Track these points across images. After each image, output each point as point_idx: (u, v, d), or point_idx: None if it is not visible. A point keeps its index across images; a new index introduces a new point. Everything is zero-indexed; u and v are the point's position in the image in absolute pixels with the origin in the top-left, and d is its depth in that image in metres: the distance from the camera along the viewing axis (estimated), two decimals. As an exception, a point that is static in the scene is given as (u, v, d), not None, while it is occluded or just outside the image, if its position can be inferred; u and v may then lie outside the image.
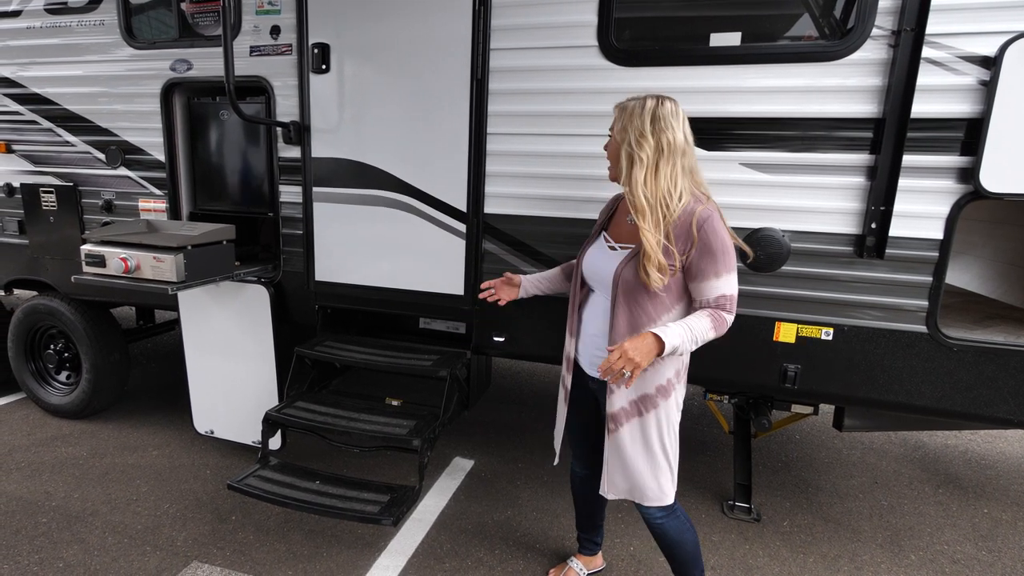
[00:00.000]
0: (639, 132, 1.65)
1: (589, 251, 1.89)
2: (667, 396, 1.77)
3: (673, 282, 1.67)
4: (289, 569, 2.32)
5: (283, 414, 2.59)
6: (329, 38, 2.55)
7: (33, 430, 3.43)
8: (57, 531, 2.52)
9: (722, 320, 1.64)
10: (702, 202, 1.66)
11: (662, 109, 1.65)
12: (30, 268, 3.34)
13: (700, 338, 1.62)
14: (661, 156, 1.64)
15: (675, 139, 1.64)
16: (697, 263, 1.63)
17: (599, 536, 2.36)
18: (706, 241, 1.61)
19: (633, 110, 1.68)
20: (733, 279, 1.66)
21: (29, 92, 3.10)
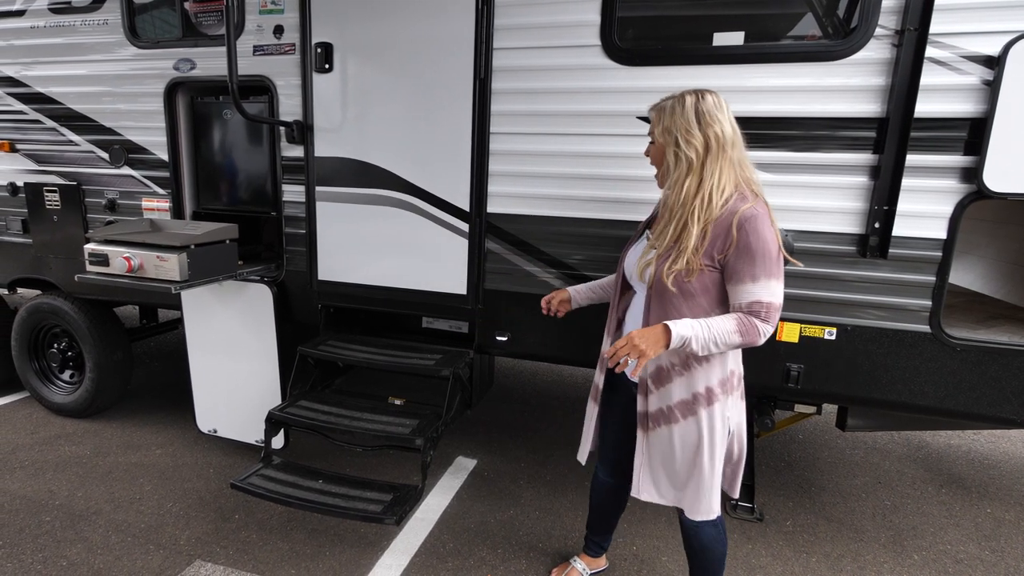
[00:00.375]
0: (685, 130, 1.59)
1: (631, 249, 1.85)
2: (708, 405, 1.68)
3: (712, 285, 1.61)
4: (292, 568, 2.32)
5: (286, 413, 2.61)
6: (332, 37, 2.56)
7: (36, 429, 3.44)
8: (60, 530, 2.53)
9: (752, 327, 1.55)
10: (748, 200, 1.58)
11: (704, 103, 1.60)
12: (34, 267, 3.36)
13: (720, 339, 1.54)
14: (709, 153, 1.58)
15: (723, 132, 1.59)
16: (733, 263, 1.56)
17: (608, 541, 2.34)
18: (745, 242, 1.53)
19: (673, 109, 1.63)
20: (774, 286, 1.55)
21: (33, 91, 3.11)
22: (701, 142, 1.58)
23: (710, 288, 1.61)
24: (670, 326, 1.53)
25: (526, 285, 2.51)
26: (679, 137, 1.60)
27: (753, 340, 1.56)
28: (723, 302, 1.64)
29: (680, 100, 1.63)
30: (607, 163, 2.32)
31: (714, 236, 1.56)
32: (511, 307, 2.56)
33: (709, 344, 1.55)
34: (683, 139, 1.59)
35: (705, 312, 1.63)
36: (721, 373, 1.69)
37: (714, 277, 1.60)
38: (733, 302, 1.60)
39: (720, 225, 1.56)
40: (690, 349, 1.56)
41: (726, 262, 1.57)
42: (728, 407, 1.73)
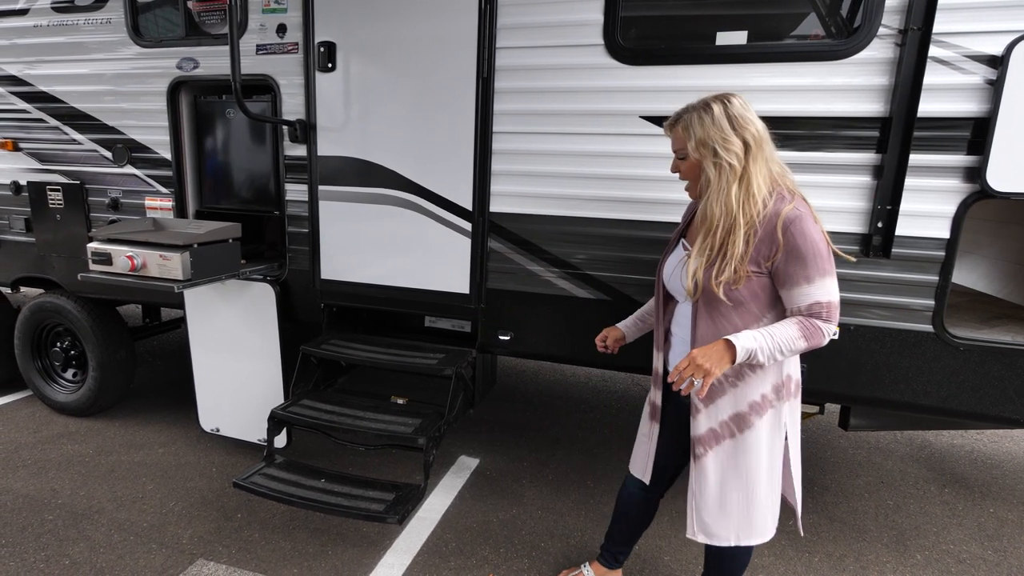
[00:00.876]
0: (721, 139, 1.54)
1: (668, 260, 1.79)
2: (762, 414, 1.63)
3: (760, 290, 1.56)
4: (295, 567, 2.33)
5: (289, 412, 2.62)
6: (335, 36, 2.57)
7: (39, 428, 3.46)
8: (63, 528, 2.54)
9: (816, 329, 1.51)
10: (787, 200, 1.54)
11: (732, 108, 1.56)
12: (37, 266, 3.37)
13: (785, 347, 1.50)
14: (749, 154, 1.54)
15: (758, 131, 1.56)
16: (784, 268, 1.51)
17: (626, 554, 2.24)
18: (793, 244, 1.49)
19: (702, 120, 1.57)
20: (829, 284, 1.51)
21: (36, 90, 3.13)
22: (740, 146, 1.54)
23: (759, 294, 1.57)
24: (733, 341, 1.48)
25: (529, 284, 2.52)
26: (717, 147, 1.55)
27: (818, 342, 1.52)
28: (773, 306, 1.60)
29: (706, 110, 1.58)
30: (610, 162, 2.33)
31: (759, 242, 1.52)
32: (514, 306, 2.57)
33: (775, 353, 1.50)
34: (721, 148, 1.54)
35: (756, 318, 1.58)
36: (776, 378, 1.64)
37: (762, 282, 1.56)
38: (790, 306, 1.56)
39: (764, 230, 1.52)
40: (757, 361, 1.51)
41: (775, 267, 1.53)
42: (784, 414, 1.66)
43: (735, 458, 1.67)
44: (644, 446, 1.98)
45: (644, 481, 1.98)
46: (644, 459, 1.97)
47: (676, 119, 1.66)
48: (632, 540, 2.20)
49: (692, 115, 1.61)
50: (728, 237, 1.53)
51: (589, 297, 2.46)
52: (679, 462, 1.95)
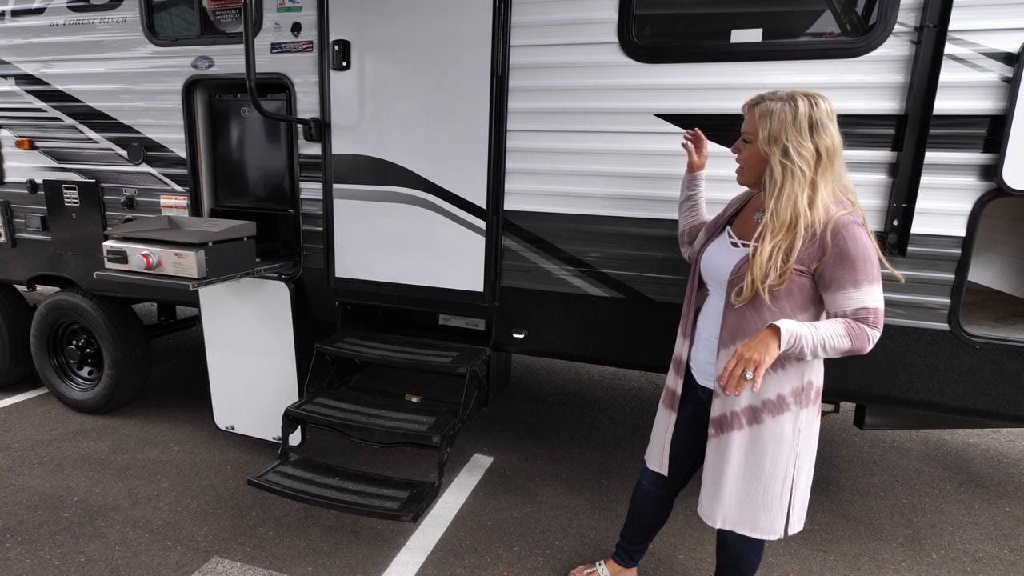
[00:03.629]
0: (797, 142, 1.49)
1: (710, 247, 1.76)
2: (776, 414, 1.62)
3: (796, 289, 1.54)
4: (309, 565, 2.36)
5: (303, 410, 2.64)
6: (350, 35, 2.60)
7: (55, 425, 3.51)
8: (79, 526, 2.57)
9: (862, 332, 1.49)
10: (844, 206, 1.52)
11: (818, 112, 1.50)
12: (53, 264, 3.42)
13: (829, 343, 1.47)
14: (820, 165, 1.50)
15: (834, 143, 1.52)
16: (831, 271, 1.50)
17: (641, 552, 2.26)
18: (843, 248, 1.47)
19: (783, 115, 1.51)
20: (877, 291, 1.50)
21: (52, 89, 3.17)
22: (812, 154, 1.49)
23: (795, 292, 1.55)
24: (779, 325, 1.46)
25: (543, 283, 2.55)
26: (789, 147, 1.50)
27: (863, 346, 1.50)
28: (806, 308, 1.58)
29: (792, 104, 1.51)
30: (624, 160, 2.36)
31: (807, 243, 1.51)
32: (528, 304, 2.60)
33: (818, 347, 1.48)
34: (794, 150, 1.49)
35: (788, 318, 1.56)
36: (797, 381, 1.62)
37: (801, 282, 1.54)
38: (835, 310, 1.54)
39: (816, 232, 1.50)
40: (800, 350, 1.48)
41: (822, 270, 1.52)
42: (801, 420, 1.64)
43: (740, 448, 1.68)
44: (661, 437, 1.98)
45: (662, 473, 1.98)
46: (660, 450, 1.98)
47: (758, 101, 1.60)
48: (647, 538, 2.22)
49: (775, 104, 1.54)
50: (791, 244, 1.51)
51: (603, 295, 2.49)
52: (696, 455, 1.96)
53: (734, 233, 1.73)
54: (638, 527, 2.19)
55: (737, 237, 1.71)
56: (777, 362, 1.58)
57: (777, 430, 1.63)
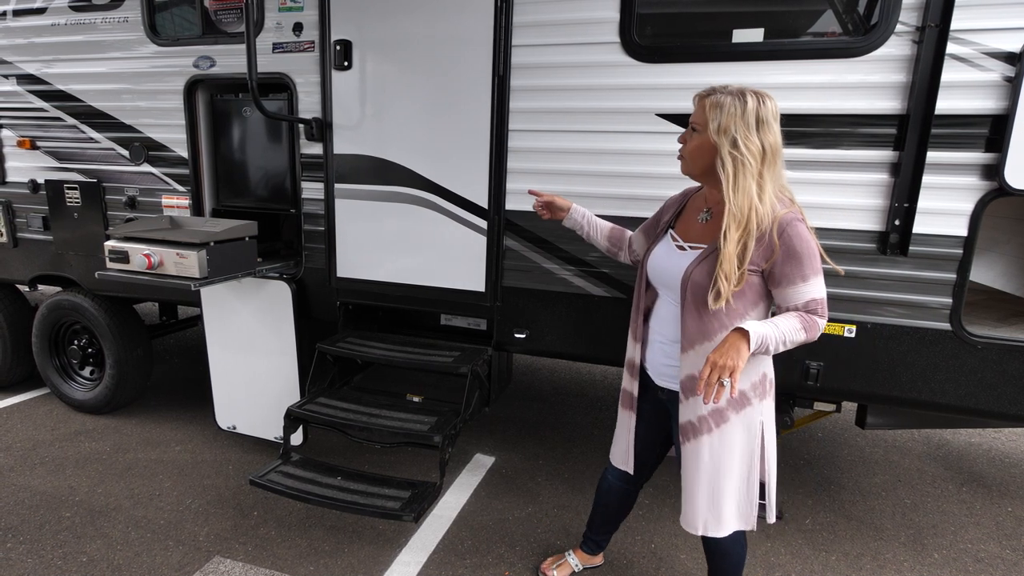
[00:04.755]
0: (744, 136, 1.55)
1: (655, 251, 1.81)
2: (739, 410, 1.68)
3: (747, 288, 1.60)
4: (311, 564, 2.37)
5: (305, 410, 2.65)
6: (351, 35, 2.61)
7: (57, 425, 3.52)
8: (81, 526, 2.58)
9: (814, 323, 1.57)
10: (785, 205, 1.60)
11: (764, 109, 1.56)
12: (54, 264, 3.42)
13: (789, 337, 1.54)
14: (765, 160, 1.56)
15: (776, 142, 1.58)
16: (781, 269, 1.57)
17: (607, 540, 2.36)
18: (790, 245, 1.54)
19: (733, 109, 1.56)
20: (821, 282, 1.59)
21: (54, 89, 3.18)
22: (759, 148, 1.55)
23: (746, 292, 1.61)
24: (746, 328, 1.50)
25: (544, 282, 2.56)
26: (738, 139, 1.55)
27: (814, 335, 1.58)
28: (756, 304, 1.65)
29: (741, 99, 1.56)
30: (626, 160, 2.36)
31: (757, 243, 1.57)
32: (529, 304, 2.61)
33: (779, 343, 1.53)
34: (743, 143, 1.55)
35: (740, 316, 1.62)
36: (755, 376, 1.68)
37: (751, 281, 1.60)
38: (786, 304, 1.60)
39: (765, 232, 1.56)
40: (765, 349, 1.53)
41: (771, 268, 1.58)
42: (762, 412, 1.71)
43: (711, 451, 1.71)
44: (624, 437, 2.04)
45: (628, 471, 2.05)
46: (624, 451, 2.04)
47: (709, 93, 1.64)
48: (612, 528, 2.31)
49: (725, 97, 1.58)
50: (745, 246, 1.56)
51: (604, 295, 2.50)
52: (659, 451, 2.05)
53: (678, 236, 1.78)
54: (604, 518, 2.26)
55: (683, 240, 1.76)
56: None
57: (742, 426, 1.69)
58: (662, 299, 1.82)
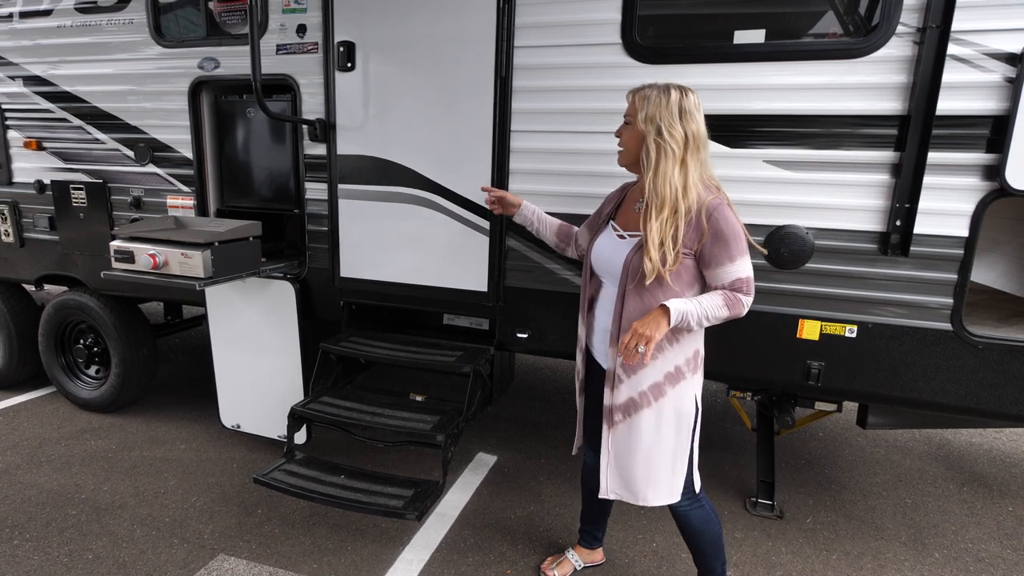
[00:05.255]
0: (668, 124, 1.68)
1: (598, 241, 1.92)
2: (675, 383, 1.80)
3: (683, 270, 1.71)
4: (314, 562, 2.38)
5: (308, 409, 2.66)
6: (354, 36, 2.62)
7: (63, 423, 3.53)
8: (86, 523, 2.59)
9: (737, 300, 1.69)
10: (712, 192, 1.72)
11: (687, 101, 1.70)
12: (60, 264, 3.44)
13: (712, 313, 1.67)
14: (688, 148, 1.68)
15: (700, 131, 1.71)
16: (710, 250, 1.68)
17: (601, 530, 2.38)
18: (717, 228, 1.66)
19: (659, 100, 1.70)
20: (747, 262, 1.70)
21: (60, 90, 3.19)
22: (682, 136, 1.68)
23: (682, 274, 1.72)
24: (668, 305, 1.64)
25: (547, 282, 2.56)
26: (662, 127, 1.68)
27: (738, 312, 1.71)
28: (692, 285, 1.75)
29: (665, 92, 1.70)
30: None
31: (687, 227, 1.68)
32: (532, 304, 2.61)
33: (702, 319, 1.67)
34: (667, 130, 1.68)
35: (677, 296, 1.72)
36: (689, 351, 1.81)
37: (686, 263, 1.71)
38: (715, 284, 1.72)
39: (693, 216, 1.68)
40: (688, 325, 1.67)
41: (701, 250, 1.69)
42: (694, 385, 1.84)
43: (650, 424, 1.82)
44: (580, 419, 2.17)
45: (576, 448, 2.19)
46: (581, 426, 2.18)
47: (638, 89, 1.78)
48: (602, 516, 2.34)
49: (652, 92, 1.72)
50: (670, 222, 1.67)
51: (606, 295, 2.50)
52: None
53: (619, 226, 1.88)
54: (591, 505, 2.32)
55: (623, 229, 1.86)
56: (672, 336, 1.75)
57: (677, 397, 1.80)
58: (605, 286, 1.92)
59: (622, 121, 1.86)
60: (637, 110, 1.75)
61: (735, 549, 2.54)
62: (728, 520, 2.75)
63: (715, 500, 2.91)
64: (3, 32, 3.25)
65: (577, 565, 2.37)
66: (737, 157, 2.24)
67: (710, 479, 3.10)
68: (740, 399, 2.80)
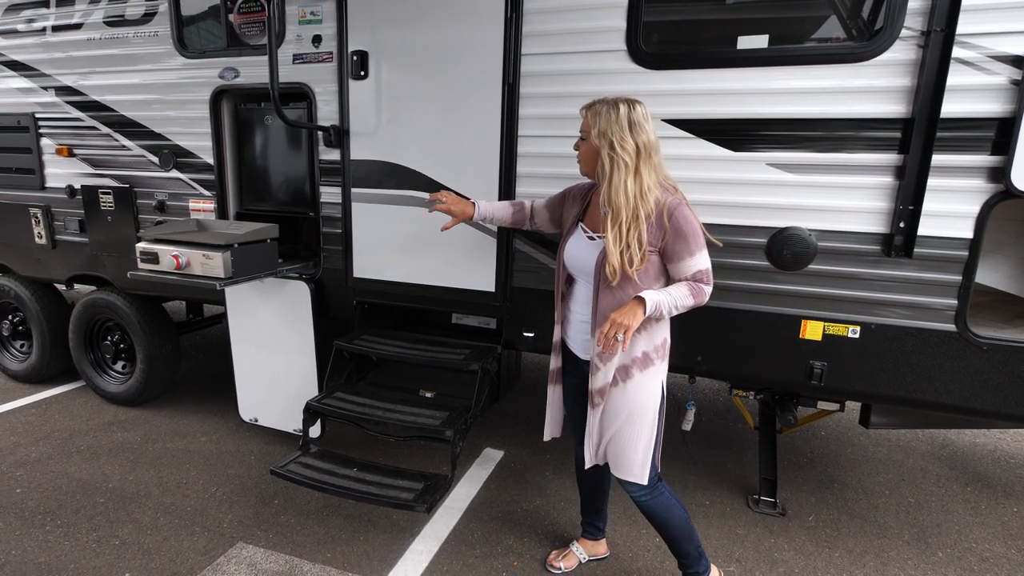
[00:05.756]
0: (620, 137, 1.73)
1: (569, 243, 1.96)
2: (644, 368, 1.85)
3: (649, 265, 1.77)
4: (328, 551, 2.38)
5: (323, 404, 2.67)
6: (367, 46, 2.61)
7: (92, 416, 3.58)
8: (113, 511, 2.62)
9: (700, 290, 1.76)
10: (671, 193, 1.77)
11: (635, 114, 1.74)
12: (90, 264, 3.48)
13: (680, 303, 1.75)
14: (640, 158, 1.73)
15: (650, 140, 1.75)
16: (672, 247, 1.75)
17: (602, 521, 2.38)
18: (677, 226, 1.72)
19: (609, 115, 1.75)
20: (705, 255, 1.77)
21: (89, 99, 3.23)
22: (633, 148, 1.73)
23: (649, 269, 1.78)
24: (643, 296, 1.70)
25: (552, 283, 2.52)
26: (614, 141, 1.73)
27: (702, 300, 1.78)
28: (658, 279, 1.81)
29: (615, 107, 1.75)
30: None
31: (650, 227, 1.74)
32: (538, 304, 2.58)
33: (672, 307, 1.74)
34: (618, 144, 1.73)
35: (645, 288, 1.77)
36: (658, 339, 1.86)
37: (651, 259, 1.77)
38: (678, 276, 1.79)
39: (654, 217, 1.74)
40: (659, 313, 1.73)
41: (664, 247, 1.76)
42: (661, 371, 1.89)
43: (620, 402, 1.88)
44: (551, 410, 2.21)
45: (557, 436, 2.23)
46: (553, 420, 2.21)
47: (589, 105, 1.83)
48: (598, 508, 2.35)
49: (603, 107, 1.77)
50: (634, 228, 1.72)
51: (611, 295, 2.47)
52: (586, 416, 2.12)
53: (588, 228, 1.93)
54: (587, 497, 2.34)
55: (592, 231, 1.91)
56: (643, 325, 1.80)
57: (646, 381, 1.86)
58: (579, 283, 1.98)
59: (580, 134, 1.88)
60: (590, 126, 1.80)
61: (737, 545, 2.50)
62: (730, 517, 2.70)
63: (717, 496, 2.86)
64: (37, 45, 3.29)
65: (582, 558, 2.35)
66: (740, 160, 2.20)
67: (712, 476, 3.05)
68: (742, 398, 2.74)
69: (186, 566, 2.28)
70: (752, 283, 2.27)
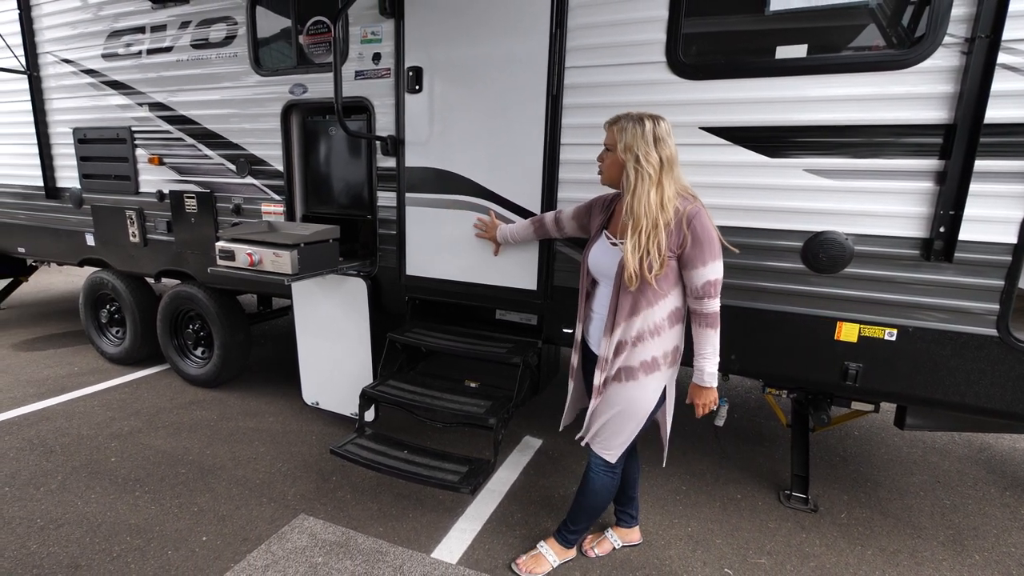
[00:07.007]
0: (645, 151, 1.73)
1: (593, 249, 1.96)
2: (649, 372, 1.85)
3: (669, 271, 1.77)
4: (380, 526, 2.42)
5: (377, 390, 2.71)
6: (422, 62, 2.64)
7: (175, 395, 3.73)
8: (193, 481, 2.73)
9: (712, 317, 1.77)
10: (690, 201, 1.76)
11: (660, 129, 1.75)
12: (175, 261, 3.63)
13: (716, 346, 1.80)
14: (663, 170, 1.73)
15: (672, 153, 1.76)
16: (689, 253, 1.74)
17: (634, 508, 2.35)
18: (695, 234, 1.71)
19: (635, 131, 1.75)
20: (719, 265, 1.75)
21: (177, 114, 3.38)
22: (657, 161, 1.73)
23: (668, 275, 1.78)
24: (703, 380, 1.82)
25: (591, 283, 2.51)
26: (640, 155, 1.73)
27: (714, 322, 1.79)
28: (676, 283, 1.81)
29: (640, 123, 1.75)
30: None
31: (669, 233, 1.74)
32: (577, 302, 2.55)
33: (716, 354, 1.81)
34: (643, 158, 1.73)
35: (663, 295, 1.79)
36: (669, 346, 1.85)
37: (671, 264, 1.77)
38: (691, 284, 1.77)
39: (673, 224, 1.73)
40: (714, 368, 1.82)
41: (683, 253, 1.75)
42: (667, 377, 1.90)
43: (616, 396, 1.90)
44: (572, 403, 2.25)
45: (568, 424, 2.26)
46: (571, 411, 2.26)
47: (614, 120, 1.83)
48: (629, 497, 2.33)
49: (628, 122, 1.78)
50: (654, 236, 1.72)
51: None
52: None
53: (612, 235, 1.93)
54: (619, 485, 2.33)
55: (615, 238, 1.91)
56: (655, 330, 1.81)
57: (647, 384, 1.86)
58: (601, 285, 1.98)
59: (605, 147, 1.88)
60: (616, 140, 1.80)
61: (768, 539, 2.41)
62: (761, 511, 2.62)
63: (748, 491, 2.77)
64: (134, 67, 3.47)
65: (616, 544, 2.32)
66: (776, 167, 2.12)
67: (744, 471, 2.96)
68: (775, 396, 2.65)
69: (255, 533, 2.36)
70: (787, 285, 2.19)
